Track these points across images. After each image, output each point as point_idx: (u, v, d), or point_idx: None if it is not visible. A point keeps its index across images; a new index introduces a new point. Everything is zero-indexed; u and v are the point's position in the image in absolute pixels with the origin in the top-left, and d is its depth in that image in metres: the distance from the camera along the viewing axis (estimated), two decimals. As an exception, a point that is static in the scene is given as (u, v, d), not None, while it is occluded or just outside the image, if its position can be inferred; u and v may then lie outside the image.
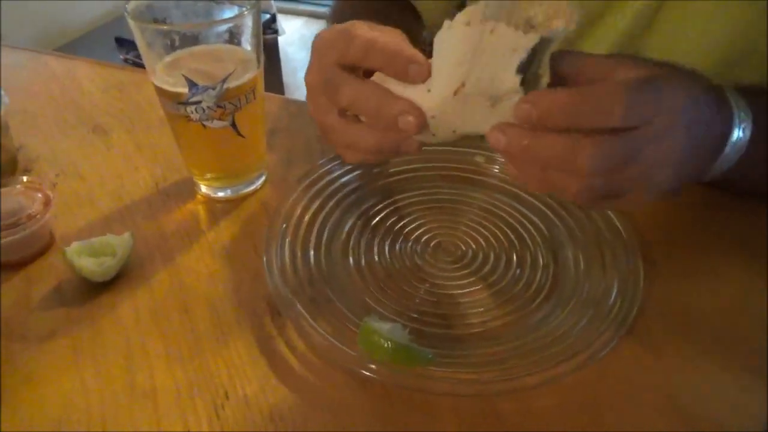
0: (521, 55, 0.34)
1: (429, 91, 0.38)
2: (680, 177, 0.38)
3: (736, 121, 0.39)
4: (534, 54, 0.34)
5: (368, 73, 0.42)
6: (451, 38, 0.36)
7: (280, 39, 2.59)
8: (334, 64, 0.41)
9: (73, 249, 0.46)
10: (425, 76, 0.38)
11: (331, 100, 0.42)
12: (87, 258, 0.46)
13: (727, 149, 0.39)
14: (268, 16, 2.32)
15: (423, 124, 0.39)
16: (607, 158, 0.34)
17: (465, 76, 0.35)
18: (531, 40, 0.33)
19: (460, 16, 0.35)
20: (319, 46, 0.43)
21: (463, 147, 0.57)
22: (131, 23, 0.47)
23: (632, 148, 0.34)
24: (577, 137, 0.34)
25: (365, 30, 0.40)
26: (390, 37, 0.40)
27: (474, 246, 0.50)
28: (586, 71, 0.37)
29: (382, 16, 0.54)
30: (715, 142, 0.39)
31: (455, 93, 0.36)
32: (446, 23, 0.36)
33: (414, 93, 0.39)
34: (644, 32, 0.57)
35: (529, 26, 0.33)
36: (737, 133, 0.39)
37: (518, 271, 0.47)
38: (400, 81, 0.39)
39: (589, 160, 0.34)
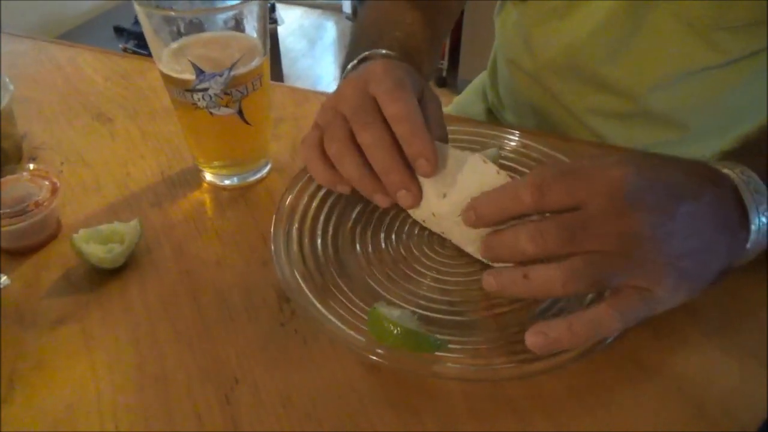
0: None
1: (444, 196, 0.42)
2: (681, 256, 0.36)
3: (754, 209, 0.38)
4: None
5: None
6: (482, 173, 0.41)
7: (280, 29, 2.58)
8: (374, 100, 0.43)
9: (80, 236, 0.46)
10: (429, 173, 0.41)
11: (352, 125, 0.43)
12: (95, 245, 0.46)
13: (753, 236, 0.39)
14: (267, 5, 2.31)
15: (416, 205, 0.43)
16: (545, 234, 0.35)
17: None
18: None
19: (494, 163, 0.41)
20: (374, 75, 0.44)
21: (472, 137, 0.57)
22: (138, 9, 0.47)
23: (570, 224, 0.35)
24: (518, 225, 0.37)
25: (405, 98, 0.42)
26: (416, 117, 0.42)
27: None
28: None
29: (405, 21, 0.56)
30: (725, 226, 0.38)
31: (462, 213, 0.41)
32: (488, 153, 0.42)
33: (433, 186, 0.43)
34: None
35: None
36: (758, 222, 0.38)
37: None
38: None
39: (529, 242, 0.36)
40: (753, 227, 0.38)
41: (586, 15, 0.62)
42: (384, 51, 0.51)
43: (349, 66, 0.53)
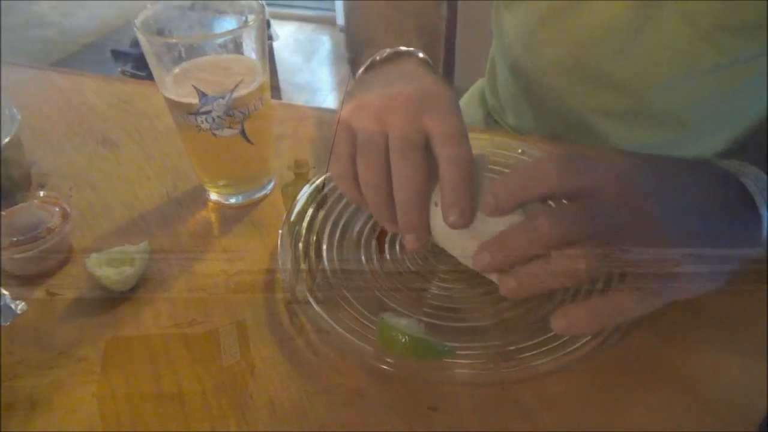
0: None
1: (436, 205, 0.41)
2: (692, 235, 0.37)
3: (764, 208, 0.39)
4: None
5: None
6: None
7: (275, 44, 2.60)
8: (425, 134, 0.42)
9: (93, 260, 0.47)
10: (457, 226, 0.40)
11: (391, 150, 0.42)
12: (107, 268, 0.47)
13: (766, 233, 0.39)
14: (266, 27, 2.33)
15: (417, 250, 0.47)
16: (562, 218, 0.35)
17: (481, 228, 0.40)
18: None
19: (483, 170, 0.42)
20: (432, 106, 0.43)
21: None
22: (140, 37, 0.48)
23: (583, 209, 0.36)
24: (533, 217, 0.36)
25: (462, 146, 0.41)
26: (467, 167, 0.41)
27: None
28: None
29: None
30: (729, 223, 0.39)
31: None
32: (476, 161, 0.42)
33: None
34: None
35: None
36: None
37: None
38: None
39: (547, 223, 0.35)
40: (765, 225, 0.39)
41: (591, 15, 0.62)
42: (421, 54, 0.51)
43: (378, 58, 0.51)
